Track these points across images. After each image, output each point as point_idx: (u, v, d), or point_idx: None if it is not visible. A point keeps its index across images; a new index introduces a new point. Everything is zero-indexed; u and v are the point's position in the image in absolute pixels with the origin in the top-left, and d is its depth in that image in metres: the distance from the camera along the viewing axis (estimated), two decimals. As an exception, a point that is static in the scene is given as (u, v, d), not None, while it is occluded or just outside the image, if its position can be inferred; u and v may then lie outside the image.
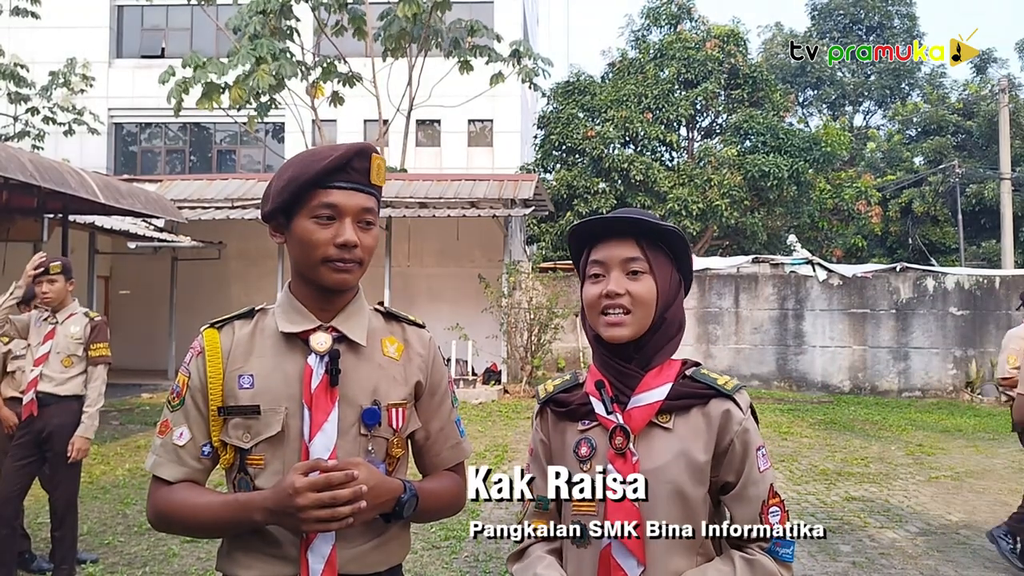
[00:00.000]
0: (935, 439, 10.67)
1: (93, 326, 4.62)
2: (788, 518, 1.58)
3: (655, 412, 1.56)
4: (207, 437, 1.61)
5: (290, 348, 1.61)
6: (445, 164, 23.07)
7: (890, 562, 5.48)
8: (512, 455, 9.14)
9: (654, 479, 1.52)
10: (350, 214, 1.58)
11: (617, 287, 1.57)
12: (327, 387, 1.57)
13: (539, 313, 14.53)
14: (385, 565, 1.62)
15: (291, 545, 1.54)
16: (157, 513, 1.60)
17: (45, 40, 23.31)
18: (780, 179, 19.60)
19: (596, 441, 1.58)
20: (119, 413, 11.85)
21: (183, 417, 1.61)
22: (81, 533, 5.84)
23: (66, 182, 9.17)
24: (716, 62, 21.12)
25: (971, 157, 27.13)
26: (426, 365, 1.72)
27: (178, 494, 1.58)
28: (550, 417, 1.68)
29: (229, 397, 1.59)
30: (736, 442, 1.55)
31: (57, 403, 4.50)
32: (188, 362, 1.64)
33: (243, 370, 1.59)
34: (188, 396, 1.61)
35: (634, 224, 1.59)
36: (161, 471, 1.60)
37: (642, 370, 1.59)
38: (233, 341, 1.63)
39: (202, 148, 25.84)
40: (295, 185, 1.57)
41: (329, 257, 1.57)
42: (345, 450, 1.56)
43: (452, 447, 1.77)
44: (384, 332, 1.71)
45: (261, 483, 1.56)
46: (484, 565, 5.28)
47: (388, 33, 16.32)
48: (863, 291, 15.70)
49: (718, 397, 1.57)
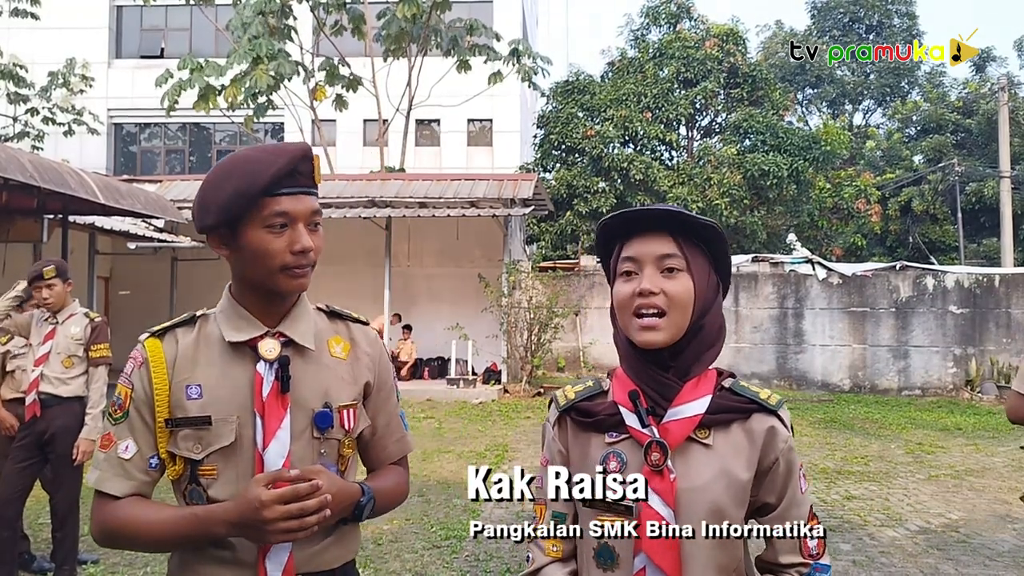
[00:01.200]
0: (935, 437, 10.68)
1: (94, 327, 4.61)
2: (825, 542, 1.50)
3: (694, 427, 1.45)
4: (154, 449, 1.57)
5: (237, 356, 1.58)
6: (445, 164, 23.07)
7: (890, 560, 5.48)
8: (512, 455, 9.15)
9: (692, 499, 1.42)
10: (302, 219, 1.55)
11: (651, 285, 1.45)
12: (278, 394, 1.55)
13: (539, 313, 14.53)
14: (340, 561, 1.62)
15: (247, 551, 1.52)
16: (103, 530, 1.56)
17: (44, 41, 23.30)
18: (780, 178, 19.62)
19: (627, 455, 1.46)
20: (119, 413, 11.84)
21: (127, 430, 1.57)
22: (82, 534, 5.85)
23: (66, 183, 9.16)
24: (715, 61, 21.14)
25: (971, 155, 27.13)
26: (374, 364, 1.71)
27: (127, 509, 1.54)
28: (570, 426, 1.55)
29: (176, 408, 1.55)
30: (781, 461, 1.47)
31: (59, 404, 4.50)
32: (129, 373, 1.60)
33: (190, 380, 1.56)
34: (132, 408, 1.57)
35: (670, 217, 1.48)
36: (106, 486, 1.55)
37: (680, 380, 1.48)
38: (177, 350, 1.59)
39: (201, 148, 25.84)
40: (243, 198, 1.52)
41: (287, 265, 1.55)
42: (298, 455, 1.55)
43: (397, 441, 1.77)
44: (329, 332, 1.69)
45: (214, 493, 1.54)
46: (484, 565, 5.28)
47: (387, 33, 16.32)
48: (863, 290, 15.70)
49: (761, 412, 1.48)
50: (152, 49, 24.94)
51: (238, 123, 18.51)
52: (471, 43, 16.96)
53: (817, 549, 1.48)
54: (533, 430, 10.88)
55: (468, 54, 16.50)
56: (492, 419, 11.82)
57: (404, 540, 5.78)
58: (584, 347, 15.84)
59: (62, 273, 4.59)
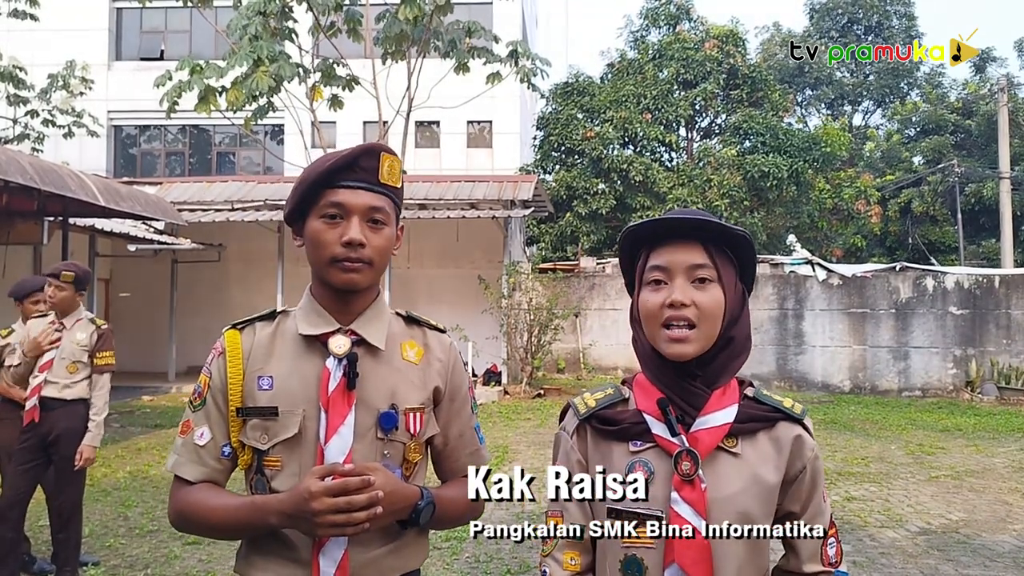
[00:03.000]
0: (935, 438, 10.68)
1: (100, 334, 4.63)
2: (842, 549, 1.52)
3: (724, 435, 1.44)
4: (227, 438, 1.61)
5: (309, 350, 1.61)
6: (444, 165, 23.07)
7: (890, 561, 5.49)
8: (512, 456, 9.15)
9: (722, 509, 1.40)
10: (357, 212, 1.58)
11: (683, 296, 1.42)
12: (344, 390, 1.56)
13: (539, 314, 14.54)
14: (400, 571, 1.61)
15: (305, 548, 1.54)
16: (178, 512, 1.61)
17: (44, 42, 23.31)
18: (779, 179, 19.64)
19: (654, 465, 1.43)
20: (120, 416, 11.85)
21: (204, 417, 1.62)
22: (84, 536, 5.85)
23: (66, 185, 9.18)
24: (715, 62, 21.16)
25: (970, 156, 27.16)
26: (446, 370, 1.72)
27: (197, 494, 1.59)
28: (590, 435, 1.51)
29: (248, 398, 1.59)
30: (808, 470, 1.46)
31: (63, 407, 4.51)
32: (210, 363, 1.65)
33: (263, 371, 1.60)
34: (209, 396, 1.62)
35: (702, 226, 1.44)
36: (182, 471, 1.61)
37: (708, 389, 1.46)
38: (254, 342, 1.63)
39: (202, 150, 25.84)
40: (305, 186, 1.59)
41: (336, 256, 1.57)
42: (361, 454, 1.55)
43: (471, 453, 1.76)
44: (404, 336, 1.70)
45: (277, 485, 1.56)
46: (485, 566, 5.28)
47: (387, 35, 16.32)
48: (863, 291, 15.71)
49: (786, 420, 1.48)
50: (152, 51, 24.93)
51: (238, 125, 18.51)
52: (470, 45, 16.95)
53: (836, 557, 1.49)
54: (533, 431, 10.89)
55: (467, 56, 16.48)
56: (492, 420, 11.82)
57: (405, 542, 5.77)
58: (584, 348, 15.84)
59: (79, 282, 4.59)
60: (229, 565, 5.26)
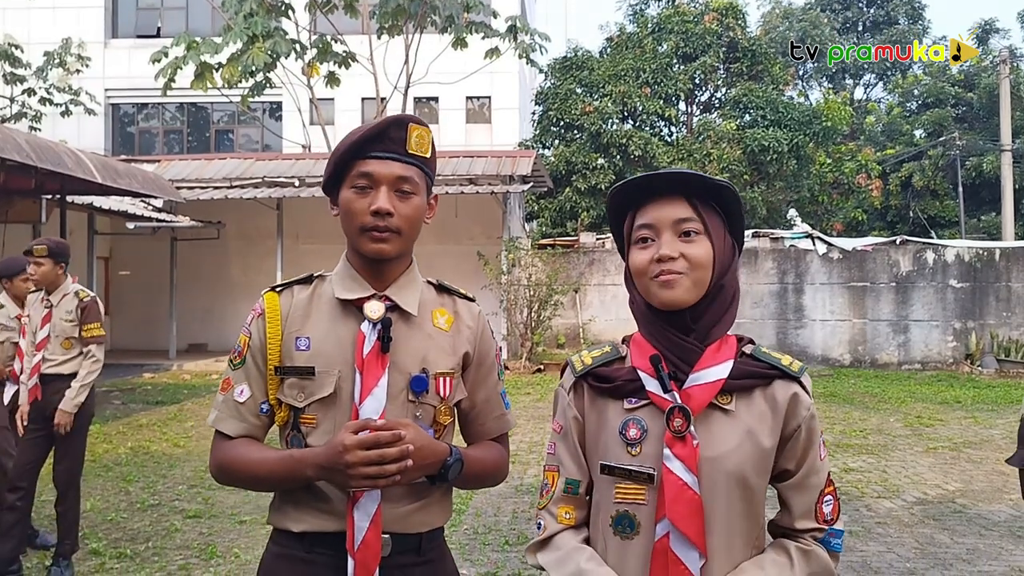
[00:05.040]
0: (934, 410, 10.72)
1: (83, 307, 4.62)
2: (839, 507, 1.51)
3: (717, 392, 1.42)
4: (265, 395, 1.68)
5: (345, 314, 1.67)
6: (443, 141, 22.97)
7: (886, 530, 5.53)
8: (512, 430, 9.18)
9: (715, 466, 1.40)
10: (385, 182, 1.62)
11: (670, 250, 1.42)
12: (378, 353, 1.62)
13: (539, 290, 14.55)
14: (427, 527, 1.68)
15: (339, 502, 1.60)
16: (219, 465, 1.68)
17: (40, 20, 23.17)
18: (780, 153, 19.57)
19: (647, 422, 1.44)
20: (121, 393, 11.90)
21: (244, 375, 1.69)
22: (84, 510, 5.89)
23: (63, 162, 9.16)
24: (715, 35, 21.01)
25: (971, 129, 27.02)
26: (475, 337, 1.77)
27: (238, 448, 1.66)
28: (587, 392, 1.52)
29: (286, 358, 1.66)
30: (803, 429, 1.46)
31: (60, 380, 4.56)
32: (249, 323, 1.71)
33: (300, 332, 1.66)
34: (249, 355, 1.69)
35: (685, 180, 1.45)
36: (223, 426, 1.68)
37: (702, 344, 1.45)
38: (292, 304, 1.70)
39: (200, 128, 25.75)
40: (337, 156, 1.65)
41: (366, 225, 1.62)
42: (393, 414, 1.61)
43: (497, 418, 1.84)
44: (435, 304, 1.76)
45: (312, 441, 1.63)
46: (483, 537, 5.32)
47: (384, 10, 16.21)
48: (863, 264, 15.71)
49: (783, 379, 1.46)
50: (149, 28, 24.76)
51: (236, 103, 18.44)
52: (468, 20, 16.84)
53: (832, 515, 1.49)
54: (533, 406, 10.94)
55: (465, 31, 16.37)
56: (492, 396, 11.85)
57: (404, 514, 5.81)
58: (584, 324, 15.87)
59: (55, 254, 4.58)
60: (229, 538, 5.31)
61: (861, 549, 5.14)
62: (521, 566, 4.77)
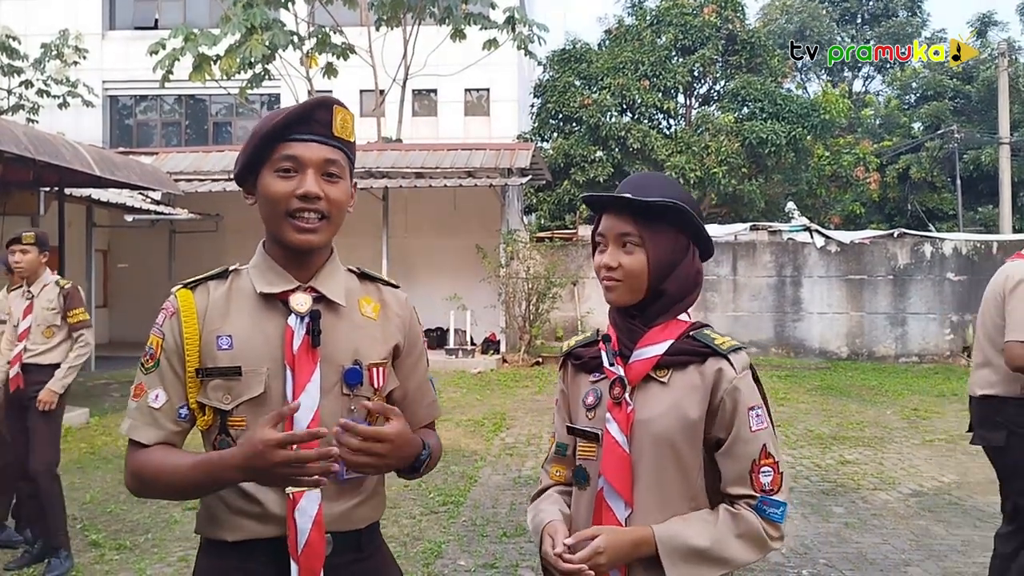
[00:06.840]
0: (931, 403, 10.75)
1: (65, 294, 4.70)
2: (782, 480, 1.62)
3: (652, 366, 1.65)
4: (183, 399, 1.59)
5: (269, 309, 1.60)
6: (442, 134, 22.94)
7: (882, 522, 5.56)
8: (510, 423, 9.21)
9: (645, 429, 1.62)
10: (312, 166, 1.55)
11: (611, 260, 1.67)
12: (308, 347, 1.55)
13: (537, 283, 14.56)
14: (366, 522, 1.64)
15: (275, 505, 1.53)
16: (134, 476, 1.58)
17: (37, 12, 23.09)
18: (778, 146, 19.55)
19: (602, 391, 1.69)
20: (119, 385, 11.91)
21: (158, 379, 1.59)
22: (84, 502, 5.93)
23: (61, 154, 9.15)
24: (713, 28, 20.96)
25: (969, 122, 27.01)
26: (404, 325, 1.73)
27: (154, 456, 1.56)
28: (570, 369, 1.83)
29: (207, 358, 1.57)
30: (726, 400, 1.61)
31: (39, 371, 4.61)
32: (161, 323, 1.61)
33: (221, 331, 1.58)
34: (163, 358, 1.59)
35: (627, 204, 1.65)
36: (136, 434, 1.58)
37: (645, 326, 1.69)
38: (209, 301, 1.61)
39: (198, 120, 25.70)
40: (257, 140, 1.58)
41: (291, 210, 1.55)
42: (328, 410, 1.55)
43: (428, 405, 1.81)
44: (360, 292, 1.70)
45: None
46: (482, 529, 5.35)
47: (383, 2, 16.19)
48: (861, 257, 15.73)
49: (714, 356, 1.64)
50: (146, 20, 24.68)
51: (234, 94, 18.41)
52: (466, 11, 16.81)
53: (772, 485, 1.61)
54: (531, 399, 10.96)
55: (463, 23, 16.35)
56: (491, 388, 11.89)
57: (402, 506, 5.84)
58: (582, 316, 15.88)
59: (41, 243, 4.68)
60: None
61: (857, 541, 5.17)
62: (519, 557, 4.79)
